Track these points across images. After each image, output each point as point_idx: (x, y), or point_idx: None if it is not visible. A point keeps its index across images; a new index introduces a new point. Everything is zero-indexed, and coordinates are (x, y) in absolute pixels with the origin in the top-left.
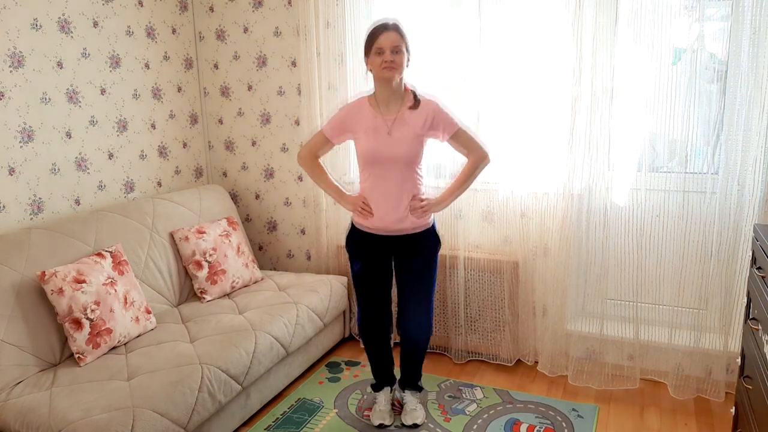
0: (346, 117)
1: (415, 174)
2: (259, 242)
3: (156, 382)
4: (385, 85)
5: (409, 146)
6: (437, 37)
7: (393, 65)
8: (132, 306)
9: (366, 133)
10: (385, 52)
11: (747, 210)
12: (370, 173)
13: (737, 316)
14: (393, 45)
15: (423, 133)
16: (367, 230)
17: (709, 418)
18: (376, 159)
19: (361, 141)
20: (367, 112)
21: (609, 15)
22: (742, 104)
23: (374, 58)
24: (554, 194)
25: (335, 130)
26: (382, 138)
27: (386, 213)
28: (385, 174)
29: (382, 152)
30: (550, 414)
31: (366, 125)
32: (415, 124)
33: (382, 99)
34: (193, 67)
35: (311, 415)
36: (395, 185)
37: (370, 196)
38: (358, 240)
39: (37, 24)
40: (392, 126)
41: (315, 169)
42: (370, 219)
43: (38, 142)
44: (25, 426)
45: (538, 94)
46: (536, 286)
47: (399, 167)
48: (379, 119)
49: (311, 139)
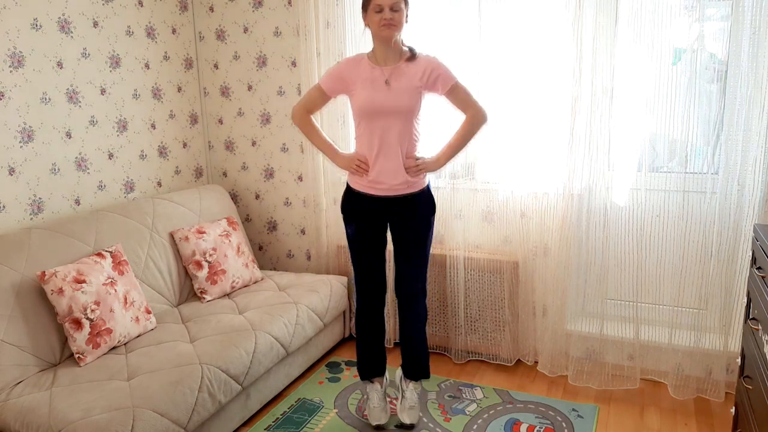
0: (344, 69)
1: (412, 128)
2: (259, 242)
3: (156, 382)
4: (383, 43)
5: (407, 97)
6: (437, 36)
7: (392, 23)
8: (132, 306)
9: (363, 84)
10: (384, 9)
11: (747, 210)
12: (366, 126)
13: (737, 316)
14: (392, 2)
15: (421, 85)
16: (362, 190)
17: (709, 418)
18: (374, 110)
19: (358, 93)
20: (365, 65)
21: (609, 15)
22: (742, 104)
23: (373, 16)
24: (554, 194)
25: (332, 82)
26: (379, 88)
27: (382, 167)
28: (382, 126)
29: (380, 103)
30: (550, 414)
31: (363, 77)
32: (413, 75)
33: (381, 55)
34: (193, 67)
35: (311, 415)
36: (392, 139)
37: (365, 150)
38: (353, 201)
39: (37, 24)
40: (390, 77)
41: (308, 126)
42: (365, 177)
43: (38, 142)
44: (25, 426)
45: (538, 94)
46: (536, 286)
47: (396, 119)
48: (377, 71)
49: (306, 93)
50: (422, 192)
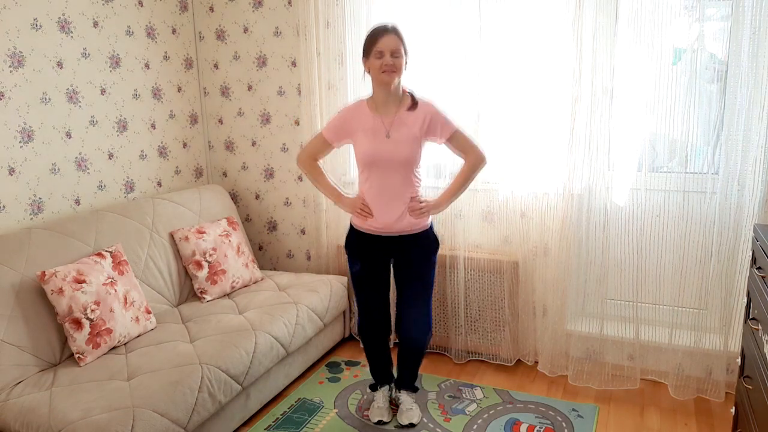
0: (345, 120)
1: (413, 176)
2: (259, 242)
3: (156, 382)
4: (383, 87)
5: (407, 148)
6: (437, 37)
7: (393, 68)
8: (132, 306)
9: (365, 134)
10: (385, 55)
11: (747, 210)
12: (369, 175)
13: (737, 316)
14: (393, 48)
15: (421, 135)
16: (366, 231)
17: (709, 418)
18: (375, 161)
19: (360, 143)
20: (366, 114)
21: (609, 15)
22: (742, 104)
23: (373, 61)
24: (554, 194)
25: (335, 133)
26: (380, 140)
27: (384, 214)
28: (384, 176)
29: (381, 154)
30: (550, 414)
31: (365, 127)
32: (413, 126)
33: (381, 101)
34: (193, 67)
35: (311, 415)
36: (394, 187)
37: (368, 197)
38: (357, 241)
39: (37, 24)
40: (390, 128)
41: (314, 172)
42: (368, 220)
43: (38, 142)
44: (25, 426)
45: (538, 94)
46: (536, 286)
47: (397, 169)
48: (377, 121)
49: (310, 141)
50: (425, 231)
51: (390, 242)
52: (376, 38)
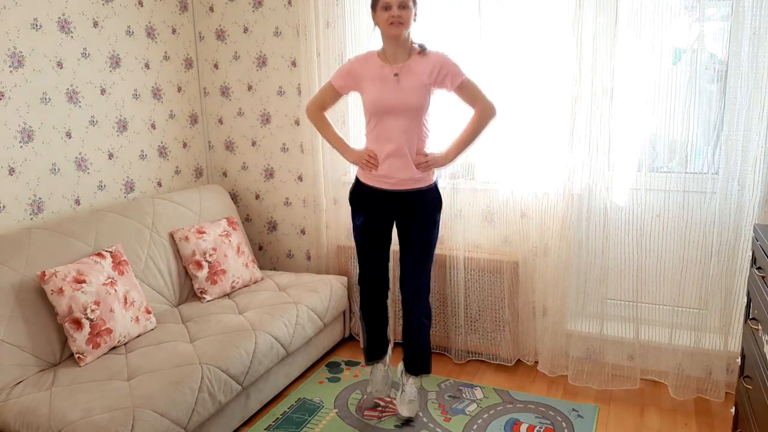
0: (354, 66)
1: (421, 125)
2: (259, 242)
3: (156, 382)
4: (392, 41)
5: (416, 94)
6: (437, 36)
7: (400, 20)
8: (132, 306)
9: (373, 81)
10: (392, 7)
11: (747, 210)
12: (377, 123)
13: (737, 316)
14: (400, 0)
15: (430, 82)
16: (371, 185)
17: (709, 418)
18: (384, 107)
19: (368, 90)
20: (375, 62)
21: (609, 15)
22: (742, 104)
23: (381, 14)
24: (554, 194)
25: (343, 80)
26: (389, 86)
27: (391, 163)
28: (392, 123)
29: (390, 100)
30: (550, 414)
31: (373, 74)
32: (422, 72)
33: (390, 53)
34: (193, 67)
35: (311, 415)
36: (401, 135)
37: (375, 146)
38: (361, 195)
39: (37, 24)
40: (399, 73)
41: (321, 122)
42: (374, 171)
43: (38, 142)
44: (25, 426)
45: (538, 94)
46: (536, 286)
47: (406, 116)
48: (386, 68)
49: (319, 92)
50: (430, 188)
51: (393, 198)
52: None
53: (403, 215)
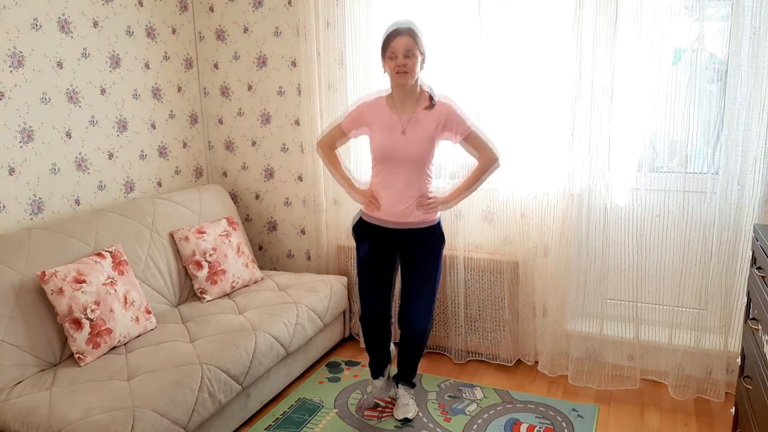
0: (364, 113)
1: (424, 173)
2: (259, 242)
3: (156, 382)
4: (399, 87)
5: (421, 146)
6: (437, 37)
7: (405, 69)
8: (132, 306)
9: (381, 130)
10: (398, 56)
11: (747, 210)
12: (382, 169)
13: (737, 316)
14: (405, 50)
15: (436, 134)
16: (374, 222)
17: (709, 418)
18: (389, 156)
19: (375, 137)
20: (384, 109)
21: (609, 15)
22: (742, 104)
23: (388, 62)
24: (554, 194)
25: (352, 125)
26: (396, 136)
27: (394, 207)
28: (396, 171)
29: (395, 150)
30: (550, 414)
31: (381, 122)
32: (429, 125)
33: (398, 99)
34: (193, 67)
35: (311, 415)
36: (405, 182)
37: (379, 190)
38: (366, 227)
39: (37, 24)
40: (407, 126)
41: (331, 159)
42: (377, 211)
43: (38, 142)
44: (25, 426)
45: (538, 94)
46: (536, 286)
47: (410, 166)
48: (394, 118)
49: (329, 130)
50: (432, 227)
51: (397, 235)
52: (390, 40)
53: (406, 251)
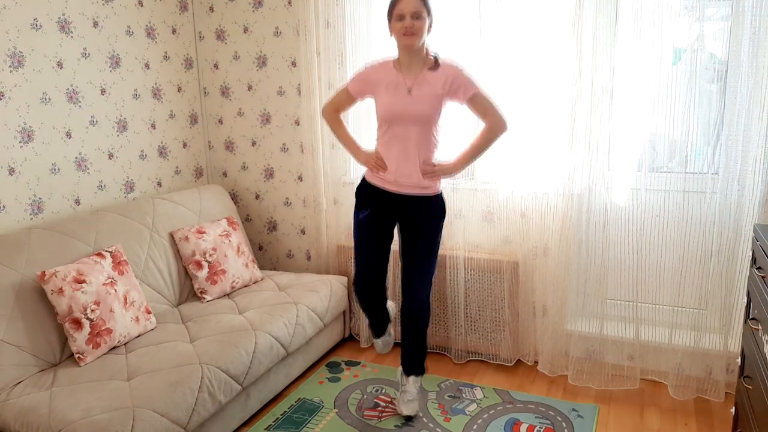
0: (370, 73)
1: (431, 135)
2: (259, 242)
3: (156, 382)
4: (406, 50)
5: (427, 105)
6: (437, 37)
7: (413, 31)
8: (132, 306)
9: (387, 89)
10: (406, 17)
11: (747, 210)
12: (387, 130)
13: (737, 316)
14: (413, 11)
15: (442, 93)
16: (376, 185)
17: (709, 418)
18: (395, 116)
19: (381, 97)
20: (390, 70)
21: (609, 15)
22: (742, 104)
23: (395, 24)
24: (554, 194)
25: (358, 85)
26: (401, 95)
27: (399, 168)
28: (402, 131)
29: (401, 109)
30: (550, 414)
31: (387, 82)
32: (435, 84)
33: (405, 62)
34: (193, 67)
35: (311, 415)
36: (411, 143)
37: (384, 151)
38: (368, 191)
39: (37, 24)
40: (413, 85)
41: (336, 123)
42: (381, 174)
43: (38, 142)
44: (25, 426)
45: (538, 94)
46: (536, 286)
47: (416, 125)
48: (400, 77)
49: (335, 95)
50: (435, 196)
51: (398, 201)
52: (397, 1)
53: (406, 220)
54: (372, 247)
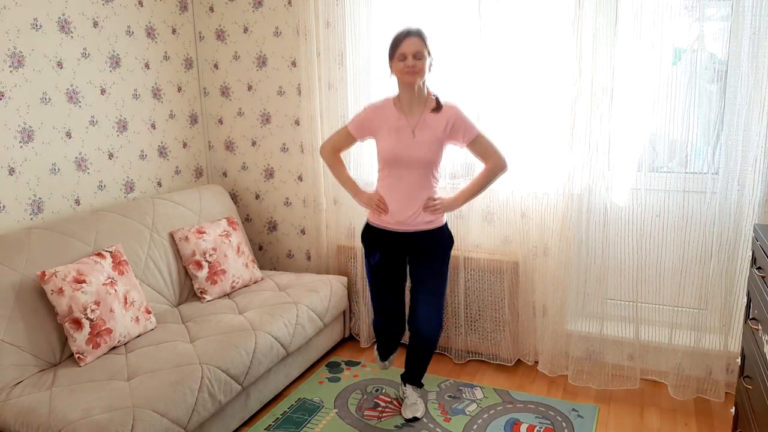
0: (372, 116)
1: (431, 177)
2: (259, 242)
3: (156, 382)
4: (407, 89)
5: (430, 149)
6: (437, 37)
7: (414, 70)
8: (132, 306)
9: (389, 133)
10: (408, 57)
11: (747, 210)
12: (389, 173)
13: (737, 316)
14: (415, 51)
15: (444, 137)
16: (382, 226)
17: (709, 418)
18: (397, 159)
19: (383, 140)
20: (391, 112)
21: (609, 15)
22: (742, 104)
23: (397, 63)
24: (554, 194)
25: (359, 128)
26: (404, 139)
27: (400, 211)
28: (404, 174)
29: (403, 153)
30: (550, 414)
31: (389, 125)
32: (437, 127)
33: (406, 102)
34: (193, 67)
35: (311, 415)
36: (412, 186)
37: (386, 194)
38: (374, 234)
39: (37, 24)
40: (415, 128)
41: (335, 163)
42: (383, 216)
43: (38, 142)
44: (25, 426)
45: (538, 93)
46: (536, 286)
47: (418, 169)
48: (402, 121)
49: (335, 134)
50: (439, 229)
51: (404, 239)
52: (399, 41)
53: (414, 253)
54: (388, 290)
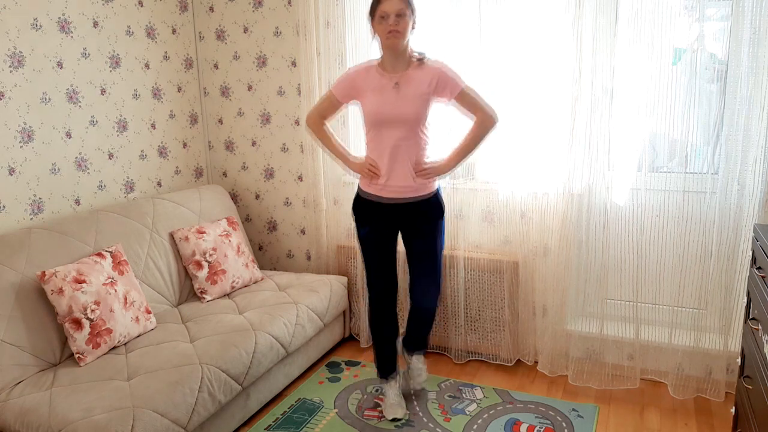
0: (355, 77)
1: (420, 135)
2: (259, 242)
3: (156, 382)
4: (390, 50)
5: (414, 104)
6: (437, 37)
7: (397, 30)
8: (132, 306)
9: (373, 92)
10: (389, 17)
11: (747, 210)
12: (376, 134)
13: (737, 316)
14: (397, 10)
15: (429, 92)
16: (371, 198)
17: (709, 418)
18: (383, 118)
19: (368, 101)
20: (374, 73)
21: (609, 15)
22: (742, 104)
23: (379, 24)
24: (554, 194)
25: (344, 90)
26: (388, 97)
27: (392, 172)
28: (391, 134)
29: (389, 111)
30: (550, 414)
31: (373, 86)
32: (421, 82)
33: (389, 63)
34: (193, 67)
35: (311, 415)
36: (401, 145)
37: (375, 156)
38: (365, 206)
39: (37, 24)
40: (399, 83)
41: (321, 132)
42: (375, 180)
43: (38, 142)
44: (25, 426)
45: (538, 94)
46: (536, 286)
47: (405, 126)
48: (385, 78)
49: (319, 101)
50: (431, 197)
51: (395, 211)
52: (379, 1)
53: (407, 226)
54: (379, 258)
